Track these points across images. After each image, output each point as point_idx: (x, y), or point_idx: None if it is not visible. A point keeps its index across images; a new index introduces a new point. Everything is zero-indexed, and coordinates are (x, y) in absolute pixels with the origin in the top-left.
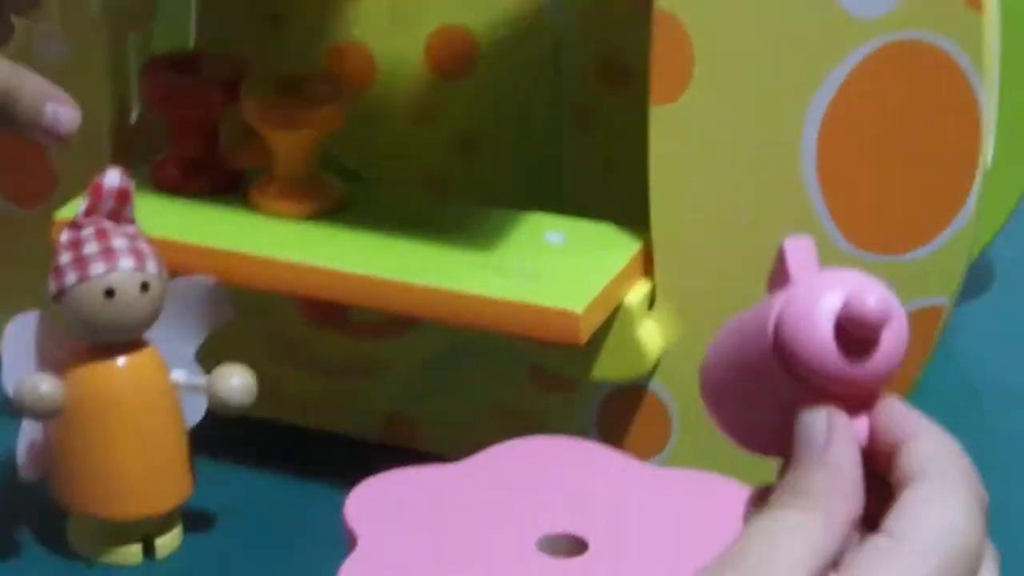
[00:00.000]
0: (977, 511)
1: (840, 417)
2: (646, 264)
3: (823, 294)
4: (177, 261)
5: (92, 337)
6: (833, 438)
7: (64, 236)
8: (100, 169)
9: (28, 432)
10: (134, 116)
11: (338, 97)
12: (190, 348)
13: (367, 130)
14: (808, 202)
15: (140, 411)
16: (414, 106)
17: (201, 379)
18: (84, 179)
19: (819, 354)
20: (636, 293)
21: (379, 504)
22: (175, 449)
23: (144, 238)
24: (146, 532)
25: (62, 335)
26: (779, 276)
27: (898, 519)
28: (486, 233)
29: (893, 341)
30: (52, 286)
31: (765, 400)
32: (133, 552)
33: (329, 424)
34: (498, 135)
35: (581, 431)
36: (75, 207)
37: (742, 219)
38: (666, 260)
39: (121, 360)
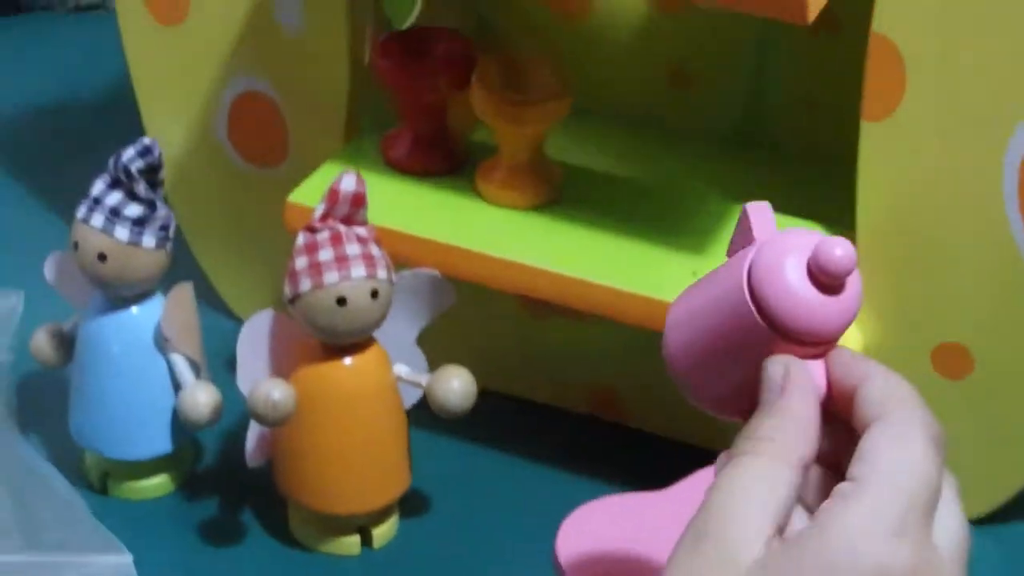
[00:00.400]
0: (932, 445)
1: (796, 365)
2: None
3: (793, 246)
4: (402, 250)
5: (322, 338)
6: (787, 385)
7: (300, 239)
8: (333, 135)
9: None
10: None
11: (565, 90)
12: (412, 334)
13: (580, 62)
14: (1007, 226)
15: (365, 409)
16: (628, 38)
17: (422, 377)
18: (317, 144)
19: (792, 296)
20: None
21: (588, 540)
22: (396, 444)
23: (374, 238)
24: (364, 523)
25: (293, 333)
26: (742, 236)
27: (860, 464)
28: (700, 234)
29: (854, 291)
30: (287, 290)
31: (736, 358)
32: (351, 543)
33: (540, 396)
34: (708, 70)
35: None
36: (309, 191)
37: (943, 233)
38: (870, 267)
39: (348, 360)
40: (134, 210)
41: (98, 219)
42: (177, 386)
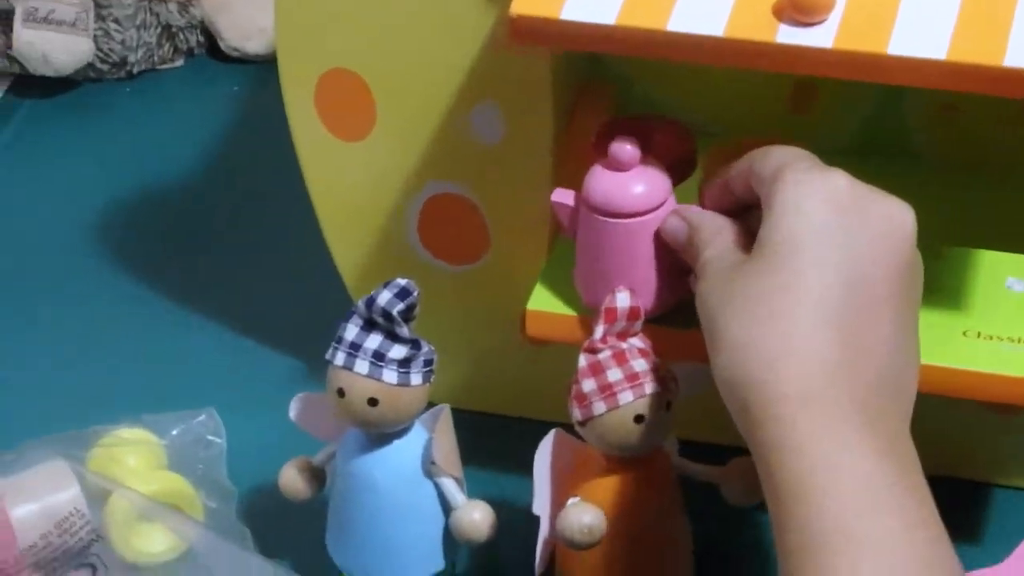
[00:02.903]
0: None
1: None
2: None
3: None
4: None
5: (615, 454)
6: (684, 218)
7: (583, 361)
8: (537, 227)
9: (543, 533)
10: None
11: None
12: None
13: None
14: None
15: (655, 513)
16: None
17: (712, 472)
18: (520, 238)
19: (600, 183)
20: None
21: None
22: (685, 541)
23: (651, 350)
24: None
25: (573, 447)
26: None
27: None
28: (949, 290)
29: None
30: (577, 413)
31: (622, 263)
32: None
33: None
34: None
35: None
36: (544, 296)
37: None
38: None
39: (637, 469)
40: (399, 351)
41: (362, 365)
42: (446, 506)
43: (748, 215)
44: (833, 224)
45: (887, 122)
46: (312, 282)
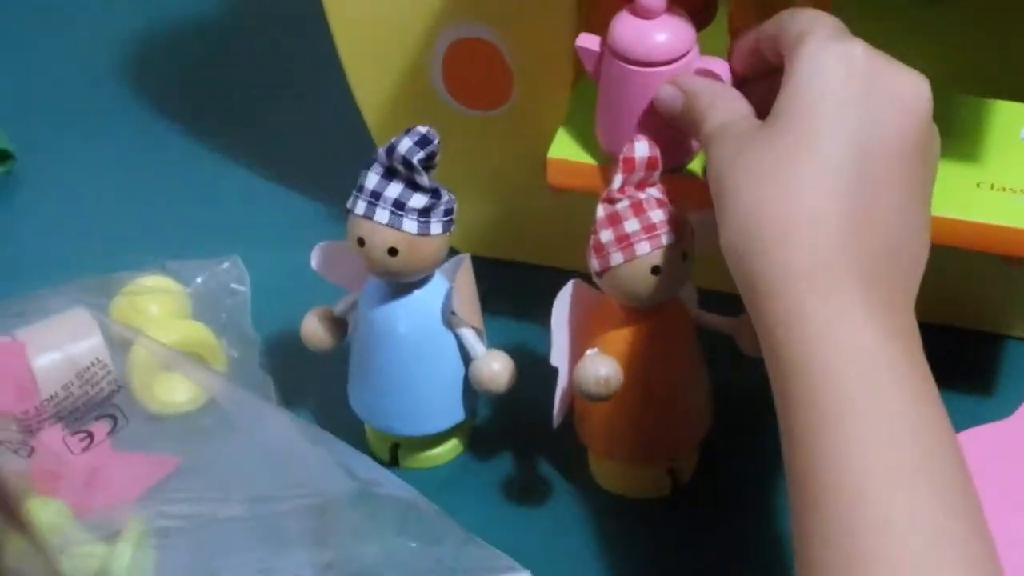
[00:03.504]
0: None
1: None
2: None
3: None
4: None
5: (633, 304)
6: (679, 85)
7: (601, 211)
8: (559, 74)
9: (561, 384)
10: None
11: None
12: None
13: None
14: None
15: (673, 365)
16: None
17: (726, 321)
18: (542, 85)
19: (624, 28)
20: None
21: None
22: (702, 387)
23: (669, 200)
24: (672, 464)
25: (592, 297)
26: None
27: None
28: (963, 141)
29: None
30: (595, 264)
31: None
32: (662, 484)
33: None
34: None
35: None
36: (565, 144)
37: None
38: None
39: (654, 320)
40: (419, 200)
41: (383, 214)
42: (466, 356)
43: (772, 79)
44: (849, 97)
45: None
46: (337, 128)
